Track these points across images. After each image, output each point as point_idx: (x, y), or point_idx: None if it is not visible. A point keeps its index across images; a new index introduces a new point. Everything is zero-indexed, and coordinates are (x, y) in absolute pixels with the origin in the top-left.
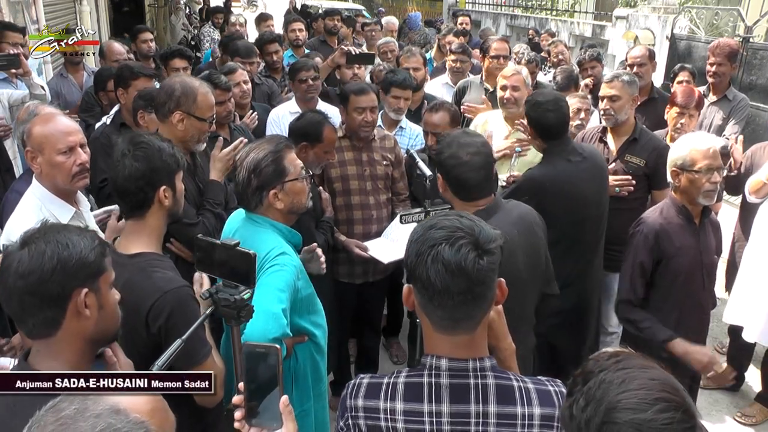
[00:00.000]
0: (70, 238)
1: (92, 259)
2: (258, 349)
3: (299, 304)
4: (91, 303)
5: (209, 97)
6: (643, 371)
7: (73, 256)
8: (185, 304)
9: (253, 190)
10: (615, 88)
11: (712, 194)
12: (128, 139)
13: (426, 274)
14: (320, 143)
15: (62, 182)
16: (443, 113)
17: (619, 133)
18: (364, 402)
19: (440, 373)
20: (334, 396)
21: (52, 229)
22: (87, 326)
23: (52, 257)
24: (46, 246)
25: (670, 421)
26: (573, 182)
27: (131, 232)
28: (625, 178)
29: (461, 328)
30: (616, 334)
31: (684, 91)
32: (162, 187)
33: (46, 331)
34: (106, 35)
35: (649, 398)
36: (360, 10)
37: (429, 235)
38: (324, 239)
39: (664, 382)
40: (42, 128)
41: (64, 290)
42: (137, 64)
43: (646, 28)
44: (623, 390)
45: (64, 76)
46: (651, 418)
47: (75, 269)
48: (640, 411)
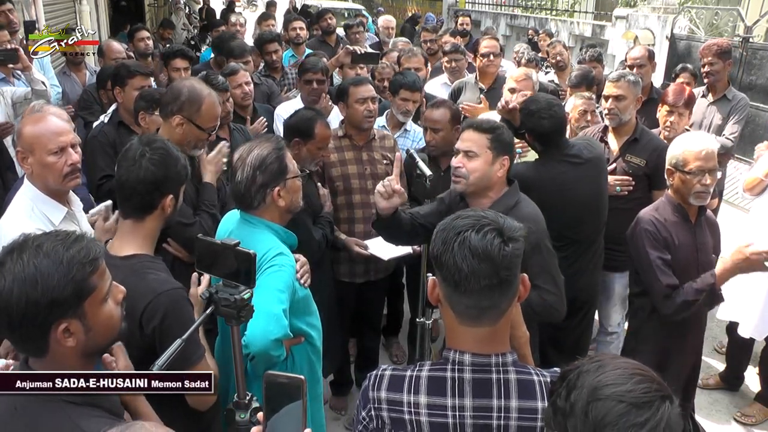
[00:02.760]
0: (41, 270)
1: (68, 292)
2: (280, 379)
3: (296, 306)
4: (75, 330)
5: (215, 108)
6: (615, 360)
7: (46, 295)
8: (179, 305)
9: (257, 188)
10: (621, 88)
11: (704, 195)
12: (146, 141)
13: (453, 260)
14: (312, 139)
15: (53, 183)
16: (444, 110)
17: (620, 132)
18: (387, 394)
19: (463, 367)
20: (334, 396)
21: (26, 251)
22: (76, 349)
23: (20, 300)
24: (14, 284)
25: (648, 389)
26: (563, 183)
27: (126, 233)
28: (625, 177)
29: (486, 317)
30: (616, 334)
31: (674, 90)
32: (169, 195)
33: (35, 353)
34: (106, 35)
35: (626, 374)
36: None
37: (455, 224)
38: (322, 234)
39: (635, 364)
40: (32, 128)
41: (41, 328)
42: (134, 63)
43: (646, 28)
44: (600, 372)
45: (67, 75)
46: (630, 389)
47: (48, 308)
48: (619, 384)
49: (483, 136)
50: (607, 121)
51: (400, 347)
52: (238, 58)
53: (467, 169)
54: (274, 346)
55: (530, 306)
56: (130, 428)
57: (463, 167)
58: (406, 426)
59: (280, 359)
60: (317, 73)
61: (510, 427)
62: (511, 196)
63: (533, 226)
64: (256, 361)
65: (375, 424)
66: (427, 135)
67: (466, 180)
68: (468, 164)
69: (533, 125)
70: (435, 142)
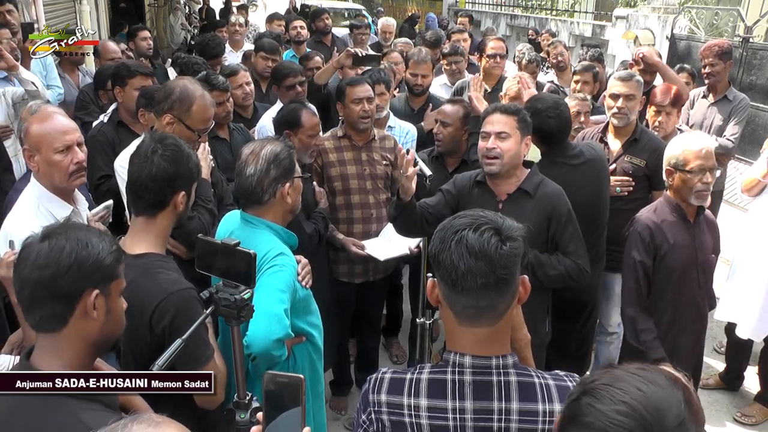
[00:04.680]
0: (90, 239)
1: (108, 262)
2: (280, 379)
3: (296, 306)
4: (99, 305)
5: (207, 111)
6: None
7: (91, 257)
8: (190, 305)
9: (270, 181)
10: (632, 87)
11: (705, 195)
12: (158, 138)
13: (450, 259)
14: (301, 128)
15: (59, 181)
16: (458, 107)
17: (621, 133)
18: (387, 397)
19: (464, 370)
20: (334, 396)
21: (74, 227)
22: (92, 328)
23: (71, 254)
24: (66, 242)
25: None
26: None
27: (139, 231)
28: (625, 178)
29: (484, 318)
30: (617, 334)
31: (661, 89)
32: (181, 192)
33: (52, 326)
34: (106, 35)
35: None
36: (360, 9)
37: (453, 223)
38: (314, 228)
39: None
40: (39, 127)
41: (76, 288)
42: (134, 63)
43: (646, 28)
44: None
45: (62, 76)
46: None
47: (90, 270)
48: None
49: (511, 117)
50: (615, 121)
51: (400, 347)
52: (268, 54)
53: (501, 150)
54: (276, 347)
55: (567, 272)
56: (138, 418)
57: (497, 148)
58: (406, 429)
59: (282, 359)
60: (297, 76)
61: (511, 430)
62: (536, 175)
63: (563, 198)
64: (258, 361)
65: (375, 428)
66: (436, 128)
67: (501, 160)
68: (501, 144)
69: (540, 124)
70: (442, 135)
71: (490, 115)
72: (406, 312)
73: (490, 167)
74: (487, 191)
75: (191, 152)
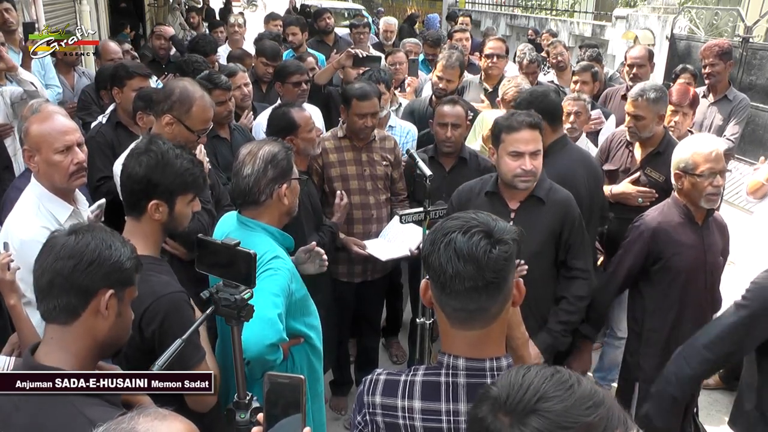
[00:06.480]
0: (114, 242)
1: (127, 266)
2: (281, 379)
3: (293, 307)
4: (111, 306)
5: (207, 112)
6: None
7: (113, 257)
8: (179, 308)
9: (267, 182)
10: (640, 107)
11: (715, 198)
12: (147, 141)
13: (438, 262)
14: (298, 128)
15: (59, 181)
16: (460, 107)
17: (645, 144)
18: (381, 399)
19: (458, 372)
20: (334, 396)
21: (100, 229)
22: (102, 327)
23: (94, 251)
24: (92, 239)
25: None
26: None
27: (128, 232)
28: (648, 189)
29: (476, 321)
30: (625, 340)
31: (679, 89)
32: (153, 201)
33: (64, 318)
34: (106, 35)
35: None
36: (360, 9)
37: (444, 225)
38: (318, 240)
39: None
40: (39, 127)
41: (94, 284)
42: (133, 63)
43: (645, 28)
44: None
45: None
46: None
47: (109, 269)
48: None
49: (537, 132)
50: (627, 136)
51: (400, 347)
52: (269, 60)
53: (536, 168)
54: (270, 351)
55: (580, 303)
56: (145, 411)
57: (534, 168)
58: (400, 431)
59: (277, 363)
60: (303, 74)
61: None
62: (545, 180)
63: (573, 202)
64: (252, 366)
65: (370, 429)
66: (445, 131)
67: (536, 177)
68: (535, 162)
69: (545, 104)
70: (454, 138)
71: (518, 132)
72: (406, 312)
73: (526, 184)
74: (498, 201)
75: (179, 163)
